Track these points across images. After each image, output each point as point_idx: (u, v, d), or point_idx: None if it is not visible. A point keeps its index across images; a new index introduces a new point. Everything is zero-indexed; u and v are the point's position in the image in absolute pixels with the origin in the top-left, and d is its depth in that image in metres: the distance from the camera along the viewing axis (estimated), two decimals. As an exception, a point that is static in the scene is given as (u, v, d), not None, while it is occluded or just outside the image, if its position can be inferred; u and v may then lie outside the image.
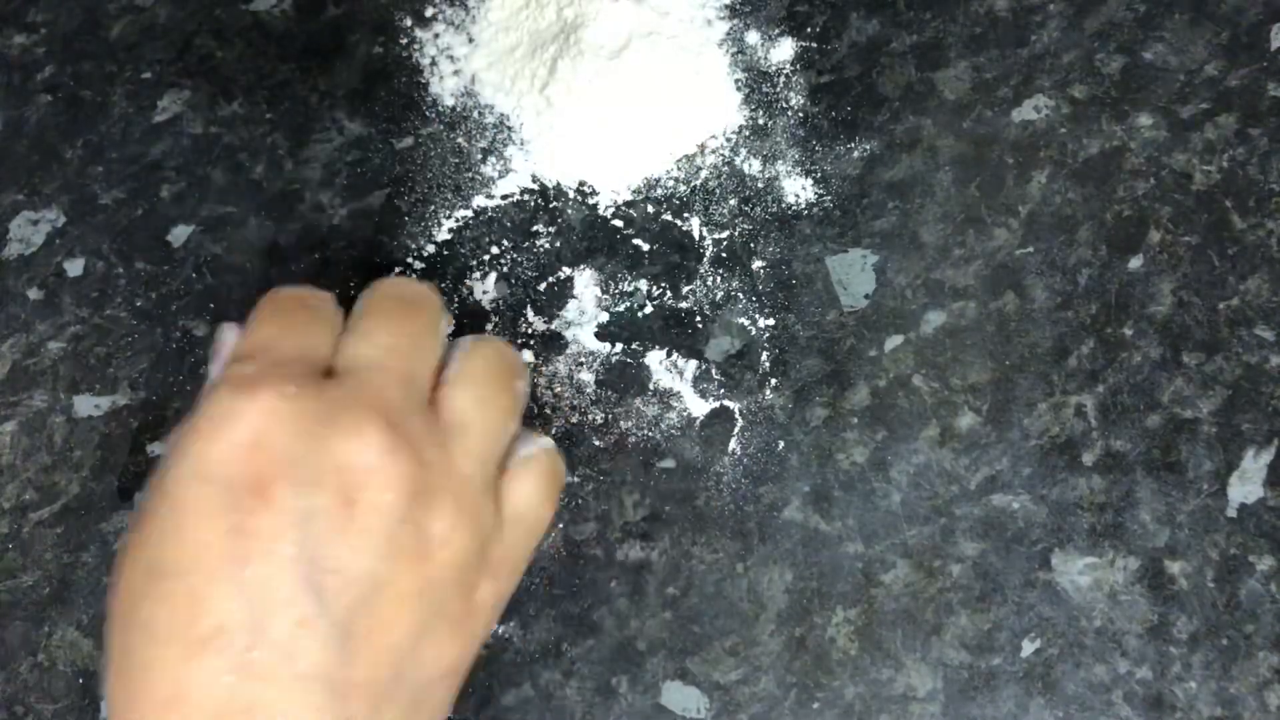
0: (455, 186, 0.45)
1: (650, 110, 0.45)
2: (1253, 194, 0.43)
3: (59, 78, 0.48)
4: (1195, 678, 0.38)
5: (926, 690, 0.38)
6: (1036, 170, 0.44)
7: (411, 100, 0.47)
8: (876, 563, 0.40)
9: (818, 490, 0.40)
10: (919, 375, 0.42)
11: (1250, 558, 0.39)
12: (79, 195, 0.46)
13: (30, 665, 0.40)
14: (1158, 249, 0.43)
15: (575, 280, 0.44)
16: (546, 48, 0.45)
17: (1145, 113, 0.45)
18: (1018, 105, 0.45)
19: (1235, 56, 0.45)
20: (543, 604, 0.40)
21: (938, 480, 0.40)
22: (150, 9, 0.49)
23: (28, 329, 0.44)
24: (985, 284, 0.43)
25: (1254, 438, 0.40)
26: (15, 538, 0.41)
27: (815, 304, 0.43)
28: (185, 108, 0.47)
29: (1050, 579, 0.39)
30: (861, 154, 0.45)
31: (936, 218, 0.44)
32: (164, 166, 0.46)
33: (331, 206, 0.45)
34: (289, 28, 0.48)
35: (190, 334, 0.43)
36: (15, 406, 0.43)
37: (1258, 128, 0.44)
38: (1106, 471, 0.40)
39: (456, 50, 0.47)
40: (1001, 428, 0.41)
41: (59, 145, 0.47)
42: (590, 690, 0.39)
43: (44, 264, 0.45)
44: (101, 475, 0.42)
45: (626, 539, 0.40)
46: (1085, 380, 0.41)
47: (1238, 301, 0.42)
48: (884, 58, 0.46)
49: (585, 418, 0.42)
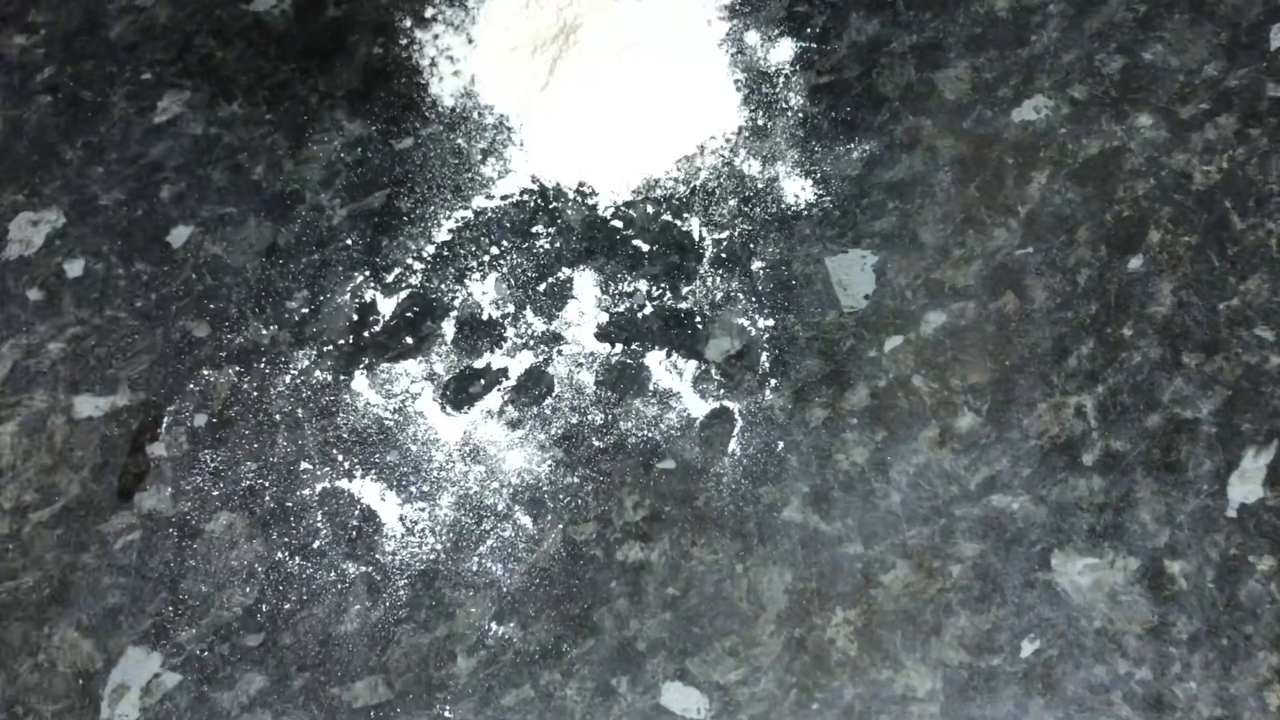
0: (455, 186, 0.45)
1: (650, 110, 0.45)
2: (1253, 194, 0.43)
3: (59, 78, 0.48)
4: (1195, 678, 0.38)
5: (926, 691, 0.38)
6: (1036, 170, 0.44)
7: (411, 100, 0.47)
8: (876, 563, 0.40)
9: (817, 491, 0.40)
10: (919, 375, 0.42)
11: (1250, 558, 0.39)
12: (79, 196, 0.46)
13: (30, 665, 0.40)
14: (1158, 249, 0.43)
15: (575, 280, 0.44)
16: (546, 48, 0.45)
17: (1145, 113, 0.45)
18: (1018, 105, 0.45)
19: (1235, 56, 0.45)
20: (543, 604, 0.40)
21: (937, 480, 0.40)
22: (150, 9, 0.49)
23: (28, 329, 0.44)
24: (985, 284, 0.43)
25: (1254, 438, 0.40)
26: (15, 538, 0.41)
27: (815, 304, 0.43)
28: (185, 108, 0.47)
29: (1050, 579, 0.39)
30: (861, 154, 0.45)
31: (936, 218, 0.44)
32: (164, 167, 0.46)
33: (331, 206, 0.45)
34: (289, 28, 0.48)
35: (190, 334, 0.43)
36: (15, 407, 0.43)
37: (1258, 128, 0.44)
38: (1106, 471, 0.40)
39: (456, 50, 0.47)
40: (1001, 428, 0.41)
41: (59, 145, 0.47)
42: (590, 690, 0.39)
43: (44, 264, 0.45)
44: (101, 475, 0.42)
45: (626, 539, 0.40)
46: (1085, 380, 0.41)
47: (1238, 301, 0.42)
48: (884, 58, 0.46)
49: (585, 418, 0.42)
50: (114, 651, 0.40)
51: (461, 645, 0.39)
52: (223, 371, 0.43)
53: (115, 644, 0.40)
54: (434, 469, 0.42)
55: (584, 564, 0.40)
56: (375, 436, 0.42)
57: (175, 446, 0.42)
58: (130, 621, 0.40)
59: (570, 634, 0.39)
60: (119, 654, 0.39)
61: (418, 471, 0.42)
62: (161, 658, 0.40)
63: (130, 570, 0.40)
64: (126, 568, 0.40)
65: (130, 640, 0.40)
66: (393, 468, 0.42)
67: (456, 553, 0.40)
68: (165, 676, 0.39)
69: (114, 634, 0.40)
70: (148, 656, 0.40)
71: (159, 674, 0.39)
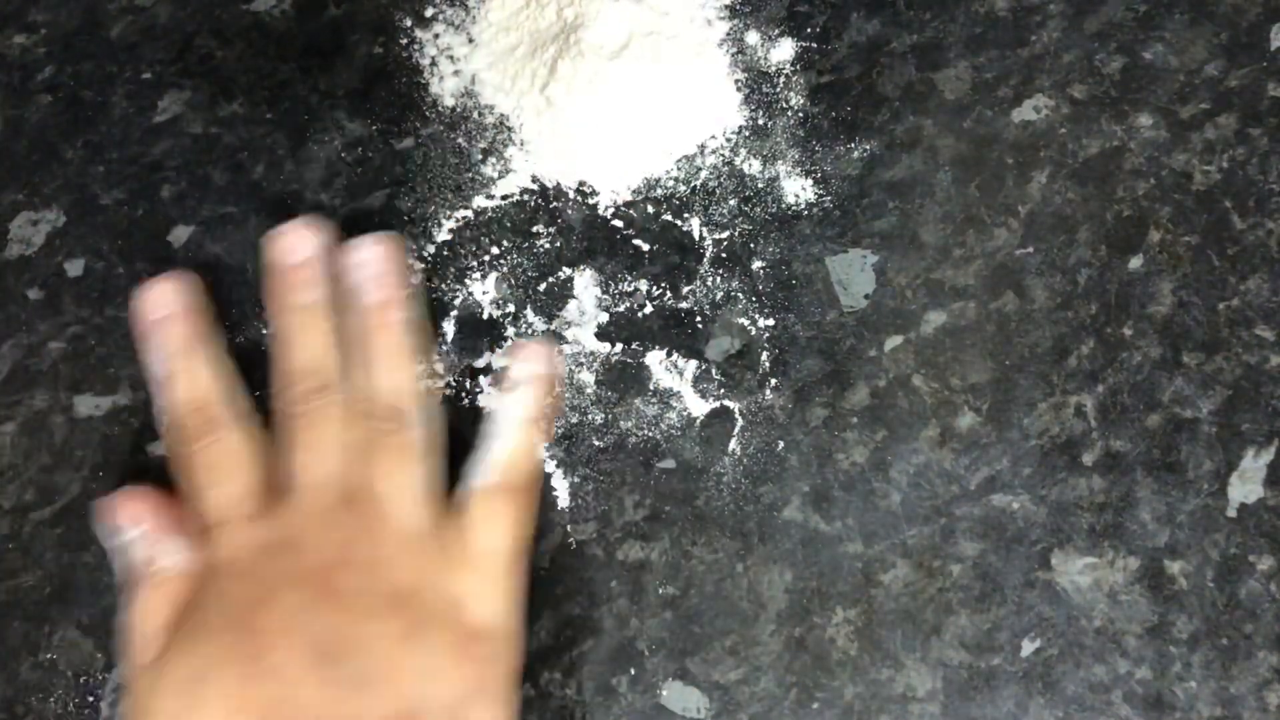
0: (455, 186, 0.45)
1: (650, 110, 0.44)
2: (1253, 194, 0.43)
3: (59, 78, 0.48)
4: (1195, 678, 0.38)
5: (926, 690, 0.38)
6: (1036, 170, 0.44)
7: (411, 100, 0.47)
8: (876, 563, 0.40)
9: (818, 490, 0.40)
10: (919, 375, 0.42)
11: (1250, 558, 0.39)
12: (79, 195, 0.46)
13: (30, 665, 0.40)
14: (1158, 249, 0.43)
15: (575, 280, 0.44)
16: (546, 48, 0.45)
17: (1145, 113, 0.45)
18: (1018, 105, 0.45)
19: (1235, 56, 0.45)
20: (543, 604, 0.40)
21: (938, 480, 0.40)
22: (150, 9, 0.49)
23: (28, 329, 0.44)
24: (985, 284, 0.43)
25: (1254, 438, 0.40)
26: (15, 538, 0.41)
27: (815, 304, 0.43)
28: (185, 108, 0.47)
29: (1050, 579, 0.39)
30: (861, 154, 0.45)
31: (936, 218, 0.44)
32: (164, 166, 0.46)
33: (331, 206, 0.45)
34: (289, 28, 0.48)
35: (190, 334, 0.43)
36: (16, 406, 0.43)
37: (1258, 128, 0.44)
38: (1106, 471, 0.40)
39: (456, 50, 0.47)
40: (1001, 428, 0.41)
41: (59, 145, 0.47)
42: (590, 690, 0.39)
43: (44, 264, 0.45)
44: (101, 475, 0.42)
45: (626, 539, 0.40)
46: (1085, 380, 0.41)
47: (1238, 301, 0.42)
48: (884, 58, 0.46)
49: (585, 418, 0.42)
50: (114, 651, 0.40)
51: (462, 645, 0.39)
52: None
53: (116, 644, 0.40)
54: (434, 469, 0.41)
55: (584, 563, 0.40)
56: (375, 436, 0.42)
57: (175, 446, 0.42)
58: (130, 621, 0.40)
59: (570, 633, 0.39)
60: (119, 654, 0.39)
61: (418, 471, 0.41)
62: (161, 657, 0.39)
63: (130, 570, 0.40)
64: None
65: (130, 640, 0.40)
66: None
67: (457, 552, 0.40)
68: (165, 676, 0.39)
69: (114, 634, 0.40)
70: (148, 656, 0.40)
71: (159, 674, 0.39)
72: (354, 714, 0.31)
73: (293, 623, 0.32)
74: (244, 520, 0.35)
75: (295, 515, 0.35)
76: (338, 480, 0.36)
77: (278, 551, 0.34)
